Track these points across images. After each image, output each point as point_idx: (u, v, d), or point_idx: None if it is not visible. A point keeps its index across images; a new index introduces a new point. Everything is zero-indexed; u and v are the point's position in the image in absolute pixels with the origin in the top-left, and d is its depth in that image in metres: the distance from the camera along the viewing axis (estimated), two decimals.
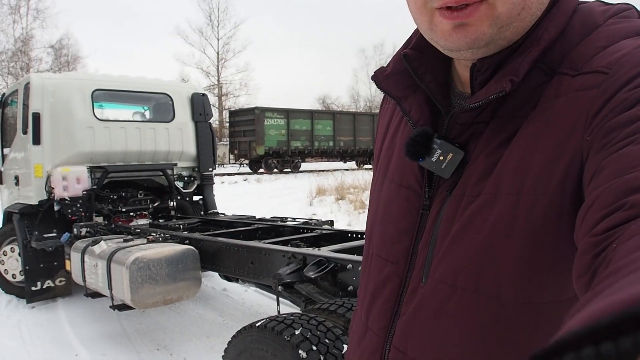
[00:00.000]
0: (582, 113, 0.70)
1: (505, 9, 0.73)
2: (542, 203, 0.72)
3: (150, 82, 7.43)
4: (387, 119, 1.07)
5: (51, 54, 40.57)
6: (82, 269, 5.29)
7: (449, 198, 0.84)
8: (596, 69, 0.72)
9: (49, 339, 5.31)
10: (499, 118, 0.80)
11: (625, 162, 0.58)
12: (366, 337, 0.98)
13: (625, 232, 0.50)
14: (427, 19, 0.80)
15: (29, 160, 6.43)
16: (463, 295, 0.80)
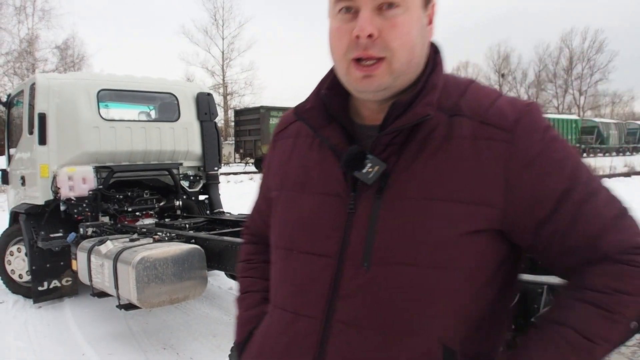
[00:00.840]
0: (498, 158, 1.04)
1: (398, 65, 1.07)
2: (467, 209, 1.04)
3: (155, 82, 7.43)
4: (285, 152, 1.30)
5: (57, 54, 40.68)
6: (89, 268, 5.29)
7: (380, 200, 1.08)
8: (499, 126, 1.06)
9: (55, 339, 5.32)
10: (415, 141, 1.09)
11: (587, 228, 1.07)
12: (297, 324, 1.15)
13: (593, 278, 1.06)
14: (345, 67, 1.10)
15: (35, 161, 6.44)
16: (403, 268, 1.06)
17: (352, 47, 1.06)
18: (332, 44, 1.12)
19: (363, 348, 1.08)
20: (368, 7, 1.04)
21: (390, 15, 1.05)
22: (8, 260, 6.91)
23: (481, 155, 1.05)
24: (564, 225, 1.06)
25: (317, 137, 1.21)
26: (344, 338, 1.09)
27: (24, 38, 37.63)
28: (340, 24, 1.09)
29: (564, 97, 77.78)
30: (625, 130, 56.27)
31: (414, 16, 1.08)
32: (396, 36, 1.05)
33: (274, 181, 1.32)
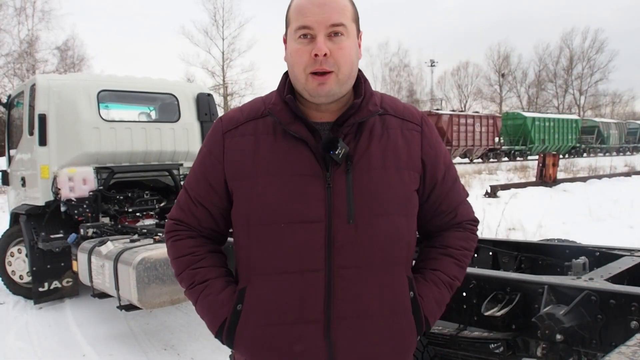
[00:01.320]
0: (417, 142, 1.60)
1: (342, 76, 1.49)
2: (410, 172, 1.57)
3: (155, 83, 7.43)
4: (247, 147, 1.55)
5: (57, 55, 40.70)
6: (89, 269, 5.29)
7: (350, 173, 1.49)
8: (413, 120, 1.63)
9: (56, 340, 5.32)
10: (365, 132, 1.55)
11: (455, 197, 1.71)
12: (305, 279, 1.47)
13: (453, 231, 1.74)
14: (304, 78, 1.48)
15: (35, 162, 6.44)
16: (378, 218, 1.50)
17: (310, 63, 1.46)
18: (294, 61, 1.49)
19: (361, 283, 1.49)
20: (322, 34, 1.45)
21: (337, 40, 1.47)
22: (9, 261, 6.91)
23: (408, 140, 1.59)
24: (442, 193, 1.67)
25: (287, 131, 1.51)
26: (345, 278, 1.48)
27: (24, 39, 37.65)
28: (300, 46, 1.47)
29: (564, 97, 77.81)
30: (625, 130, 56.24)
31: (353, 42, 1.51)
32: (342, 55, 1.47)
33: (237, 172, 1.55)
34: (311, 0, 1.47)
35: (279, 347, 1.51)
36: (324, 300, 1.47)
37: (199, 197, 1.64)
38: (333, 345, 1.49)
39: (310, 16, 1.45)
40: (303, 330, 1.49)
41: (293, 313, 1.49)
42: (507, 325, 2.58)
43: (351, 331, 1.49)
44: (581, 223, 10.06)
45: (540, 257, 3.55)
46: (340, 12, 1.47)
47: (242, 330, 1.54)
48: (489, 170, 25.94)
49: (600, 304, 2.25)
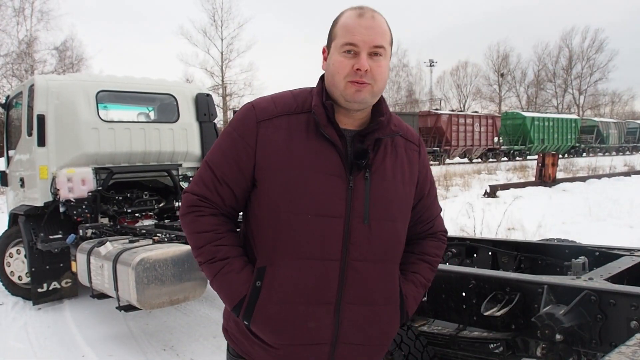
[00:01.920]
0: (416, 160, 1.87)
1: (377, 89, 1.70)
2: (410, 188, 1.83)
3: (154, 83, 7.42)
4: (279, 140, 1.70)
5: (55, 55, 40.58)
6: (88, 270, 5.28)
7: (368, 179, 1.70)
8: (414, 141, 1.89)
9: (55, 341, 5.32)
10: (381, 147, 1.76)
11: (435, 209, 2.04)
12: (325, 266, 1.67)
13: (430, 239, 2.03)
14: (344, 85, 1.66)
15: (34, 162, 6.43)
16: (386, 223, 1.74)
17: (352, 74, 1.65)
18: (336, 70, 1.67)
19: (368, 275, 1.73)
20: (365, 52, 1.65)
21: (376, 59, 1.68)
22: (7, 262, 6.90)
23: (410, 158, 1.85)
24: (426, 205, 1.95)
25: (322, 132, 1.68)
26: (357, 269, 1.70)
27: (23, 39, 37.58)
28: (344, 59, 1.66)
29: (564, 97, 77.77)
30: (624, 129, 56.24)
31: (387, 62, 1.74)
32: (379, 72, 1.69)
33: (271, 162, 1.69)
34: (359, 22, 1.67)
35: (294, 323, 1.69)
36: (337, 285, 1.69)
37: (225, 176, 1.74)
38: (339, 325, 1.71)
39: (357, 35, 1.65)
40: (316, 310, 1.69)
41: (310, 294, 1.68)
42: (506, 325, 2.58)
43: (355, 314, 1.72)
44: (581, 223, 10.06)
45: (540, 257, 3.55)
46: (382, 36, 1.69)
47: (261, 306, 1.69)
48: (488, 170, 25.93)
49: (600, 304, 2.24)
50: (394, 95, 73.07)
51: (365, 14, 1.68)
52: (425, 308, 2.94)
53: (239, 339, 1.83)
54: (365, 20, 1.67)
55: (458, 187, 17.98)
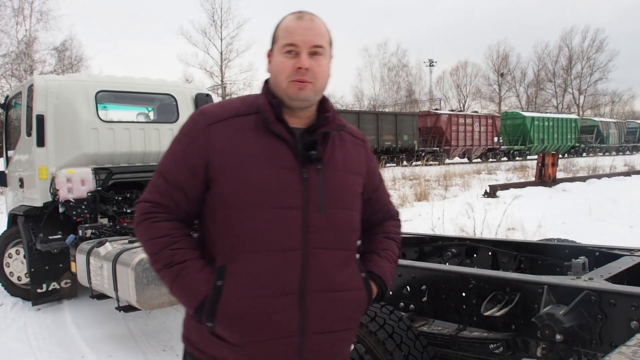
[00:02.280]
0: (363, 154, 1.97)
1: (318, 87, 1.79)
2: (359, 178, 1.92)
3: (154, 83, 7.41)
4: (231, 140, 1.75)
5: (55, 55, 40.56)
6: (88, 270, 5.27)
7: (321, 170, 1.77)
8: (359, 137, 2.01)
9: (55, 341, 5.31)
10: (329, 141, 1.84)
11: (386, 198, 2.15)
12: (286, 256, 1.70)
13: (387, 223, 2.14)
14: (286, 84, 1.75)
15: (33, 163, 6.42)
16: (341, 211, 1.81)
17: (294, 73, 1.74)
18: (279, 70, 1.76)
19: (329, 262, 1.77)
20: (305, 51, 1.75)
21: (317, 58, 1.77)
22: (7, 262, 6.89)
23: (357, 151, 1.95)
24: (379, 195, 2.07)
25: (271, 129, 1.76)
26: (318, 257, 1.74)
27: (22, 40, 37.58)
28: (285, 60, 1.75)
29: (564, 97, 77.82)
30: (624, 129, 56.29)
31: (328, 61, 1.83)
32: (320, 70, 1.78)
33: (224, 161, 1.73)
34: (298, 24, 1.77)
35: (259, 318, 1.69)
36: (299, 275, 1.71)
37: (178, 181, 1.77)
38: (305, 314, 1.73)
39: (297, 36, 1.75)
40: (280, 301, 1.70)
41: (272, 286, 1.70)
42: (506, 326, 2.57)
43: (320, 302, 1.75)
44: (581, 223, 10.05)
45: (540, 257, 3.55)
46: (321, 36, 1.79)
47: (224, 305, 1.69)
48: (488, 170, 25.92)
49: (600, 304, 2.24)
50: (393, 95, 73.23)
51: (304, 16, 1.80)
52: (425, 308, 2.93)
53: (202, 346, 1.80)
54: (304, 22, 1.78)
55: (458, 187, 17.97)
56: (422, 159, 31.86)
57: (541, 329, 2.30)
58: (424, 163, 29.10)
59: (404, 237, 4.25)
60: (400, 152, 35.73)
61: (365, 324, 2.74)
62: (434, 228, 9.35)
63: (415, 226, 9.86)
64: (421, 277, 2.96)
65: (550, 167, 16.63)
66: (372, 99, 72.44)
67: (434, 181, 19.59)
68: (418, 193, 15.76)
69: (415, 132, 36.68)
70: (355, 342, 2.67)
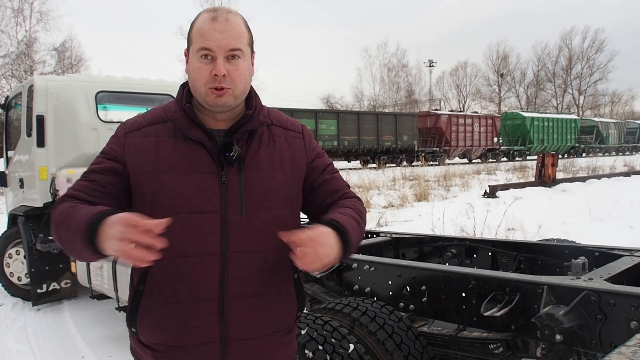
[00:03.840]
0: (301, 146, 1.87)
1: (237, 92, 1.71)
2: (293, 174, 1.81)
3: (154, 83, 7.41)
4: (148, 147, 1.71)
5: (55, 56, 40.62)
6: (88, 270, 5.28)
7: (242, 171, 1.70)
8: (295, 130, 1.90)
9: (55, 342, 5.31)
10: (255, 139, 1.77)
11: (338, 182, 1.93)
12: (203, 261, 1.65)
13: (343, 199, 1.87)
14: (204, 92, 1.68)
15: (33, 163, 6.43)
16: (266, 211, 1.73)
17: (211, 80, 1.66)
18: (196, 76, 1.68)
19: (252, 266, 1.71)
20: (221, 56, 1.66)
21: (234, 62, 1.68)
22: (7, 262, 6.89)
23: (292, 145, 1.85)
24: (327, 179, 1.90)
25: (186, 135, 1.70)
26: (238, 260, 1.68)
27: (22, 40, 37.60)
28: (201, 65, 1.67)
29: (563, 97, 77.89)
30: (624, 129, 56.31)
31: (247, 63, 1.74)
32: (238, 75, 1.69)
33: (139, 166, 1.70)
34: (213, 26, 1.66)
35: (178, 323, 1.68)
36: (219, 280, 1.67)
37: (97, 178, 1.69)
38: (225, 321, 1.69)
39: (211, 40, 1.65)
40: (199, 307, 1.67)
41: (191, 292, 1.67)
42: (506, 326, 2.58)
43: (241, 308, 1.70)
44: (580, 223, 10.05)
45: (540, 258, 3.55)
46: (237, 39, 1.69)
47: (144, 309, 1.70)
48: (488, 170, 25.93)
49: (600, 304, 2.24)
50: (393, 96, 73.24)
51: (219, 17, 1.68)
52: (425, 308, 2.94)
53: (139, 355, 1.81)
54: (218, 24, 1.67)
55: (458, 188, 17.98)
56: (421, 159, 31.91)
57: (541, 329, 2.30)
58: (423, 163, 29.10)
59: (404, 238, 4.26)
60: (400, 152, 35.74)
61: (365, 324, 2.74)
62: (433, 228, 9.35)
63: (415, 226, 9.87)
64: (421, 278, 2.96)
65: (550, 167, 16.63)
66: (372, 100, 72.53)
67: (433, 181, 19.60)
68: (418, 193, 15.78)
69: (415, 133, 36.68)
70: (355, 343, 2.67)
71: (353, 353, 2.61)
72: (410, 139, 36.24)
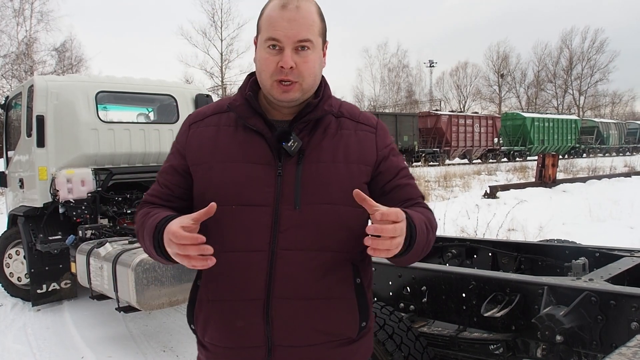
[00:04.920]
0: (371, 141, 1.71)
1: (306, 87, 1.60)
2: (361, 167, 1.66)
3: (154, 84, 7.41)
4: (208, 137, 1.68)
5: (55, 56, 40.64)
6: (88, 271, 5.28)
7: (301, 165, 1.60)
8: (368, 123, 1.75)
9: (55, 342, 5.31)
10: (319, 130, 1.66)
11: (412, 191, 1.73)
12: (250, 257, 1.57)
13: (415, 205, 1.67)
14: (270, 84, 1.59)
15: (33, 163, 6.42)
16: (323, 206, 1.59)
17: (277, 72, 1.56)
18: (262, 68, 1.60)
19: (301, 265, 1.58)
20: (290, 47, 1.56)
21: (303, 54, 1.57)
22: (6, 263, 6.89)
23: (361, 139, 1.70)
24: (402, 185, 1.72)
25: (246, 124, 1.64)
26: (287, 259, 1.57)
27: (23, 40, 37.61)
28: (268, 55, 1.58)
29: (564, 97, 77.82)
30: (625, 130, 56.30)
31: (317, 54, 1.63)
32: (306, 68, 1.58)
33: (196, 157, 1.67)
34: (282, 15, 1.56)
35: (223, 323, 1.62)
36: (265, 279, 1.57)
37: (166, 181, 1.73)
38: (271, 324, 1.59)
39: (280, 30, 1.55)
40: (244, 307, 1.60)
41: (237, 290, 1.60)
42: (506, 326, 2.57)
43: (287, 311, 1.59)
44: (581, 224, 10.05)
45: (540, 258, 3.54)
46: (308, 28, 1.58)
47: (199, 306, 1.69)
48: (488, 171, 25.95)
49: (601, 305, 2.24)
50: (393, 96, 73.21)
51: (289, 4, 1.56)
52: (426, 309, 2.93)
53: (199, 354, 1.80)
54: (288, 12, 1.56)
55: (458, 188, 17.98)
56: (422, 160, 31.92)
57: (541, 329, 2.29)
58: (424, 164, 29.10)
59: None
60: (401, 152, 35.55)
61: None
62: None
63: None
64: (421, 278, 2.96)
65: (550, 168, 16.63)
66: (372, 100, 72.45)
67: (434, 182, 19.60)
68: None
69: (415, 133, 36.67)
70: None
71: None
72: (410, 139, 36.22)
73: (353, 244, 1.62)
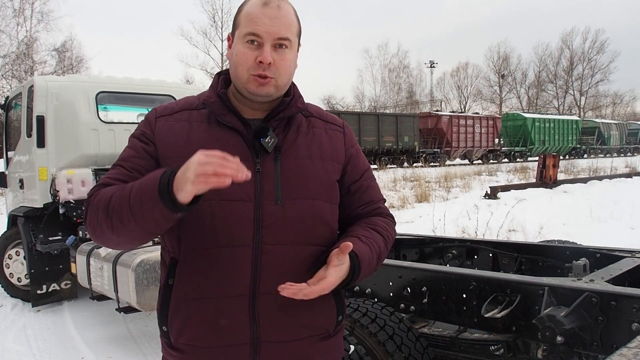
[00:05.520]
0: (340, 140, 1.79)
1: (280, 83, 1.63)
2: (334, 164, 1.73)
3: (154, 84, 7.41)
4: (181, 131, 1.65)
5: (55, 56, 40.70)
6: (88, 271, 5.27)
7: (279, 161, 1.63)
8: (336, 123, 1.84)
9: (55, 343, 5.31)
10: (292, 128, 1.70)
11: (374, 194, 1.86)
12: (234, 253, 1.56)
13: (376, 216, 1.83)
14: (246, 78, 1.60)
15: (33, 163, 6.42)
16: (303, 201, 1.63)
17: (255, 67, 1.59)
18: (239, 61, 1.61)
19: (285, 259, 1.60)
20: (269, 44, 1.58)
21: (281, 52, 1.61)
22: (6, 263, 6.89)
23: (331, 137, 1.77)
24: (364, 186, 1.82)
25: (221, 121, 1.64)
26: (271, 254, 1.58)
27: (23, 40, 37.65)
28: (246, 50, 1.60)
29: (565, 98, 77.88)
30: (626, 130, 56.31)
31: (293, 55, 1.67)
32: (283, 66, 1.62)
33: (169, 150, 1.63)
34: (264, 12, 1.59)
35: (205, 322, 1.58)
36: (250, 275, 1.57)
37: (137, 165, 1.62)
38: (257, 320, 1.58)
39: (261, 26, 1.58)
40: (228, 304, 1.57)
41: (220, 287, 1.57)
42: (507, 327, 2.56)
43: (273, 306, 1.58)
44: (582, 224, 10.05)
45: (541, 259, 3.54)
46: (287, 27, 1.62)
47: (174, 306, 1.61)
48: (489, 171, 25.94)
49: (601, 306, 2.23)
50: (394, 97, 73.27)
51: (271, 2, 1.59)
52: (426, 310, 2.93)
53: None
54: (270, 9, 1.59)
55: (458, 189, 17.97)
56: (422, 160, 31.92)
57: (542, 330, 2.29)
58: (424, 164, 29.10)
59: (404, 239, 4.24)
60: (401, 153, 35.74)
61: (366, 326, 2.74)
62: (434, 229, 9.34)
63: (416, 227, 9.86)
64: (422, 279, 2.95)
65: (551, 168, 16.64)
66: (372, 100, 72.54)
67: (434, 182, 19.61)
68: (419, 194, 15.77)
69: (416, 134, 36.70)
70: (356, 344, 2.66)
71: (354, 354, 2.60)
72: (411, 139, 36.25)
73: (330, 238, 1.71)
